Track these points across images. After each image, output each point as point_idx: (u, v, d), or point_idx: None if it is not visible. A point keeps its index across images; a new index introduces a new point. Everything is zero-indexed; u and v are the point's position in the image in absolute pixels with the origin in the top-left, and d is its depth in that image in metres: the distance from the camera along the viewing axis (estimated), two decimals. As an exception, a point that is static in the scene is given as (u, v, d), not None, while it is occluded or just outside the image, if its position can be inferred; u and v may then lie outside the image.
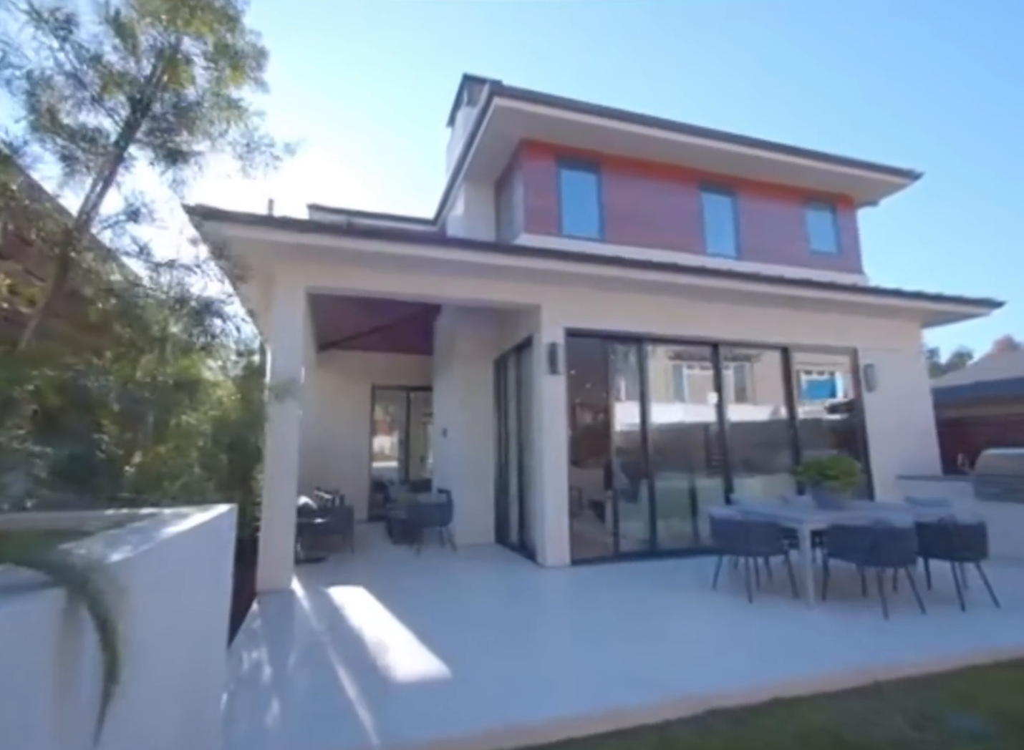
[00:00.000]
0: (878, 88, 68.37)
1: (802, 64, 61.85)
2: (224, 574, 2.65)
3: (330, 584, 5.86)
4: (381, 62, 60.04)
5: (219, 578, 2.56)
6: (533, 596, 5.44)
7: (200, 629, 2.21)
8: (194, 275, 3.49)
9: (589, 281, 6.97)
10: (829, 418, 8.78)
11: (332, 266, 6.21)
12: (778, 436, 8.27)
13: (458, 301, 7.00)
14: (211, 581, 2.40)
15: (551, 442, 6.73)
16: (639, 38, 52.31)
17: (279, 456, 5.80)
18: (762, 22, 51.27)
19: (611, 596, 5.25)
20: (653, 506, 7.21)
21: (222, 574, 2.61)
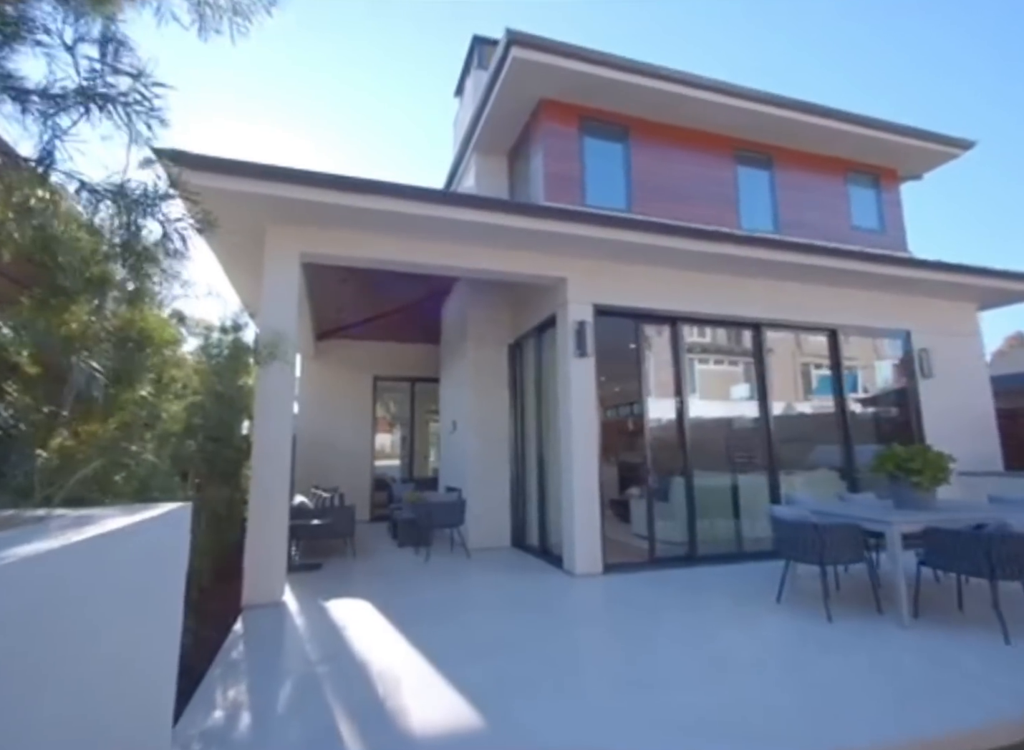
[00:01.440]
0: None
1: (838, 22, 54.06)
2: (168, 599, 1.86)
3: (328, 596, 5.06)
4: (382, 36, 57.66)
5: (158, 605, 1.77)
6: (570, 612, 4.63)
7: (111, 690, 1.42)
8: (150, 215, 2.70)
9: (619, 251, 6.17)
10: (869, 410, 7.98)
11: (331, 230, 5.41)
12: (821, 429, 7.47)
13: (474, 273, 6.20)
14: (138, 612, 1.60)
15: (580, 434, 5.93)
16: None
17: (270, 447, 5.00)
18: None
19: (661, 612, 4.45)
20: (691, 507, 6.41)
21: (163, 599, 1.81)
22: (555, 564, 6.20)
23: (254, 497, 4.89)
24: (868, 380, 8.06)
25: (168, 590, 1.92)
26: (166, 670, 1.95)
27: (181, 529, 2.02)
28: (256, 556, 4.81)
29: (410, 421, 11.81)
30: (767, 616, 4.29)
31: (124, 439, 2.59)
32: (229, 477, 5.74)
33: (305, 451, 10.45)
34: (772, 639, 3.81)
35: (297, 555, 6.88)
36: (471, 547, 7.10)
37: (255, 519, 4.87)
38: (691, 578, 5.64)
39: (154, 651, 1.80)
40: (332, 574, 6.06)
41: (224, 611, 4.73)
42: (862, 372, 7.94)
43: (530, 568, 6.24)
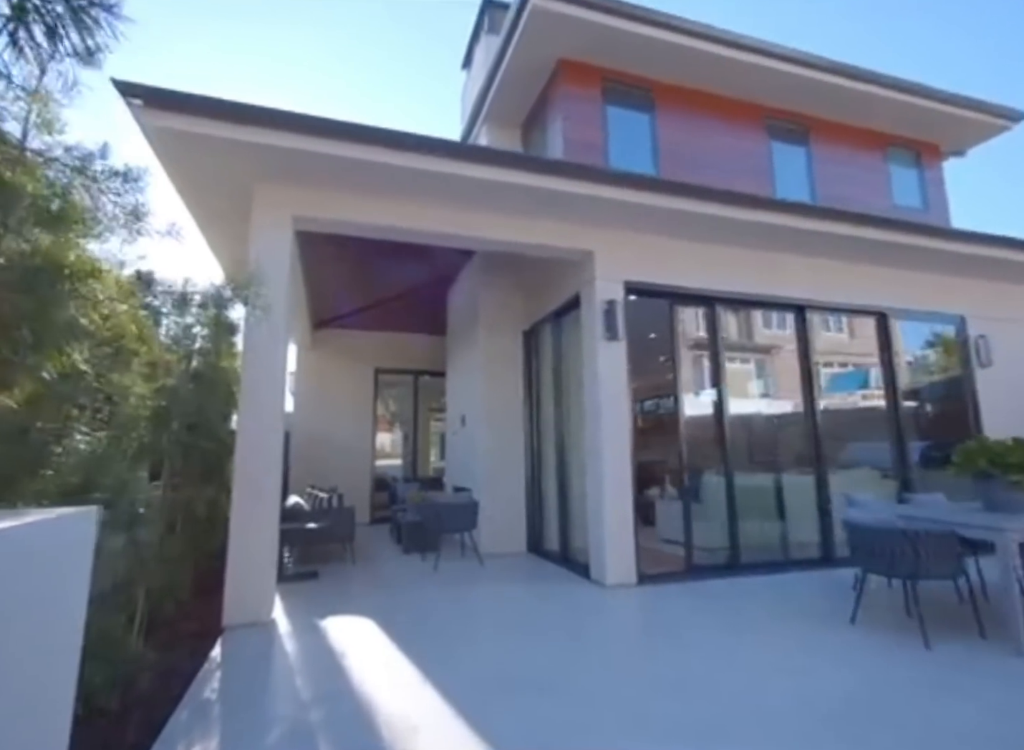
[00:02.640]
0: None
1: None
2: (53, 626, 1.17)
3: (325, 611, 4.37)
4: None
5: (28, 635, 1.08)
6: (609, 634, 3.93)
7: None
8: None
9: (651, 220, 5.48)
10: (908, 403, 7.28)
11: (327, 191, 4.72)
12: (860, 425, 6.79)
13: (489, 245, 5.51)
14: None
15: (610, 427, 5.24)
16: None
17: (258, 439, 4.31)
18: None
19: (719, 636, 3.76)
20: (732, 509, 5.72)
21: (42, 627, 1.12)
22: (580, 573, 5.51)
23: (238, 497, 4.20)
24: (849, 385, 7.24)
25: (54, 615, 1.25)
26: (46, 718, 1.26)
27: (77, 540, 1.34)
28: (240, 567, 4.11)
29: (413, 417, 11.12)
30: (848, 643, 3.60)
31: (34, 418, 1.90)
32: (212, 474, 5.05)
33: (301, 448, 9.76)
34: (869, 676, 3.11)
35: (290, 562, 6.18)
36: (483, 552, 6.41)
37: (239, 523, 4.17)
38: (738, 590, 4.95)
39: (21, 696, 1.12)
40: (329, 584, 5.36)
41: (202, 632, 4.04)
42: (837, 378, 7.21)
43: (552, 578, 5.55)
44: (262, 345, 4.44)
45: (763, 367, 6.93)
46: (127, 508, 2.98)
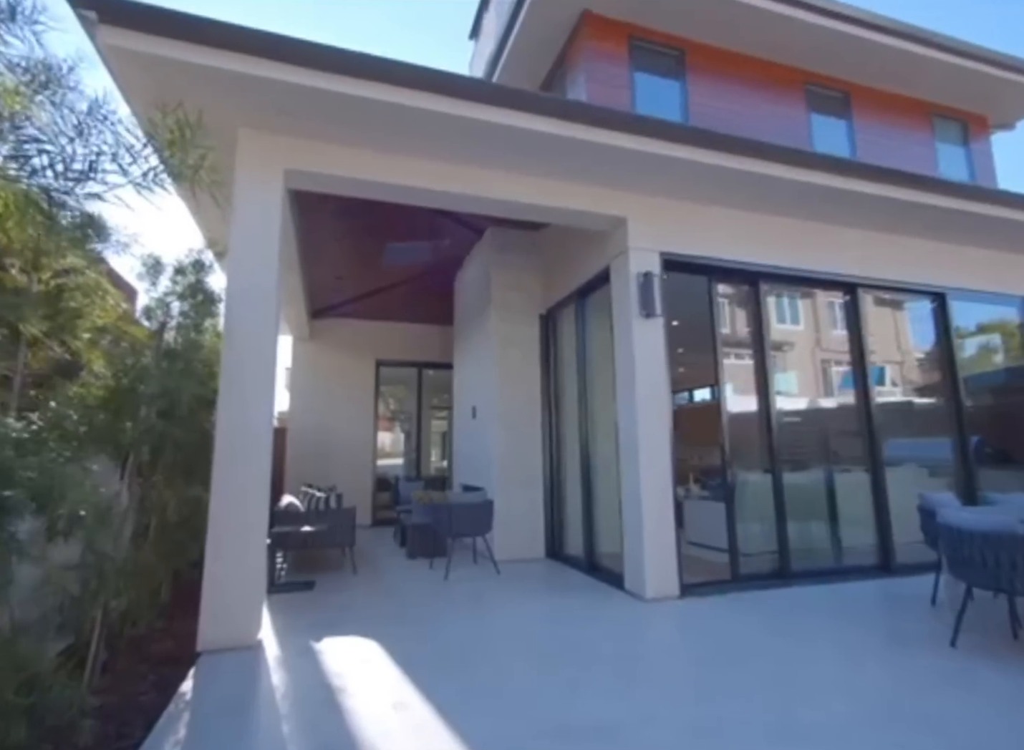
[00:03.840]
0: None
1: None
2: None
3: (322, 631, 3.72)
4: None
5: None
6: (673, 665, 3.27)
7: None
8: None
9: (689, 182, 4.84)
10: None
11: (325, 142, 4.06)
12: (905, 419, 6.13)
13: (510, 210, 4.85)
14: None
15: (648, 418, 4.59)
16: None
17: (242, 430, 3.66)
18: None
19: (800, 665, 3.10)
20: (780, 511, 5.08)
21: None
22: (612, 583, 4.87)
23: (218, 497, 3.54)
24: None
25: None
26: None
27: None
28: (220, 579, 3.46)
29: (417, 412, 10.47)
30: (964, 672, 2.94)
31: None
32: (194, 470, 4.40)
33: (298, 445, 9.13)
34: (1011, 718, 2.47)
35: (283, 570, 5.53)
36: (497, 558, 5.75)
37: (219, 528, 3.52)
38: (798, 604, 4.31)
39: None
40: (327, 597, 4.71)
41: (176, 656, 3.40)
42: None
43: (581, 589, 4.90)
44: (248, 321, 3.78)
45: (784, 360, 6.27)
46: (67, 510, 2.34)
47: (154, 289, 3.73)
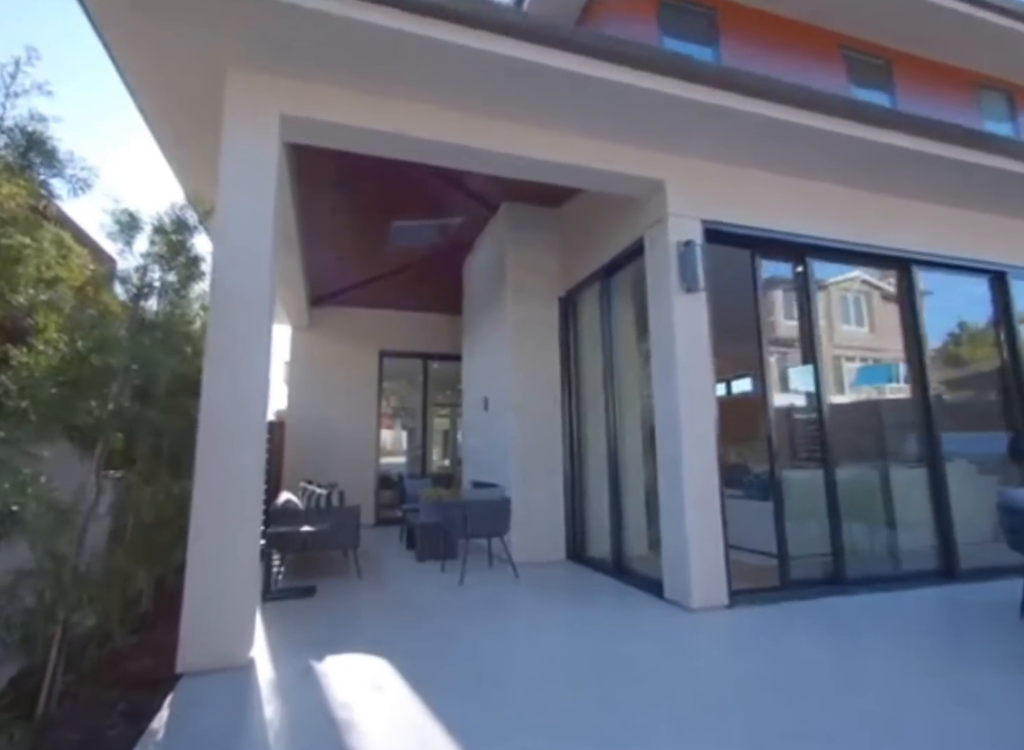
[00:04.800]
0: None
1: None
2: None
3: (324, 648, 3.20)
4: None
5: None
6: (743, 695, 2.74)
7: None
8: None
9: (734, 140, 4.32)
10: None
11: (330, 85, 3.55)
12: (949, 413, 5.60)
13: (535, 170, 4.32)
14: None
15: (692, 406, 4.08)
16: None
17: (231, 416, 3.14)
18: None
19: (913, 702, 2.59)
20: (834, 510, 4.57)
21: None
22: (647, 590, 4.36)
23: (201, 491, 3.02)
24: (877, 378, 5.94)
25: None
26: None
27: None
28: (203, 590, 2.94)
29: (422, 406, 9.94)
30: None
31: None
32: (178, 462, 3.89)
33: (296, 439, 8.61)
34: None
35: (280, 575, 5.02)
36: (515, 561, 5.22)
37: (202, 528, 3.00)
38: (863, 614, 3.80)
39: None
40: (330, 605, 4.19)
41: (152, 679, 2.88)
42: (865, 371, 5.97)
43: (612, 596, 4.38)
44: (239, 289, 3.27)
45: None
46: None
47: (129, 250, 3.22)
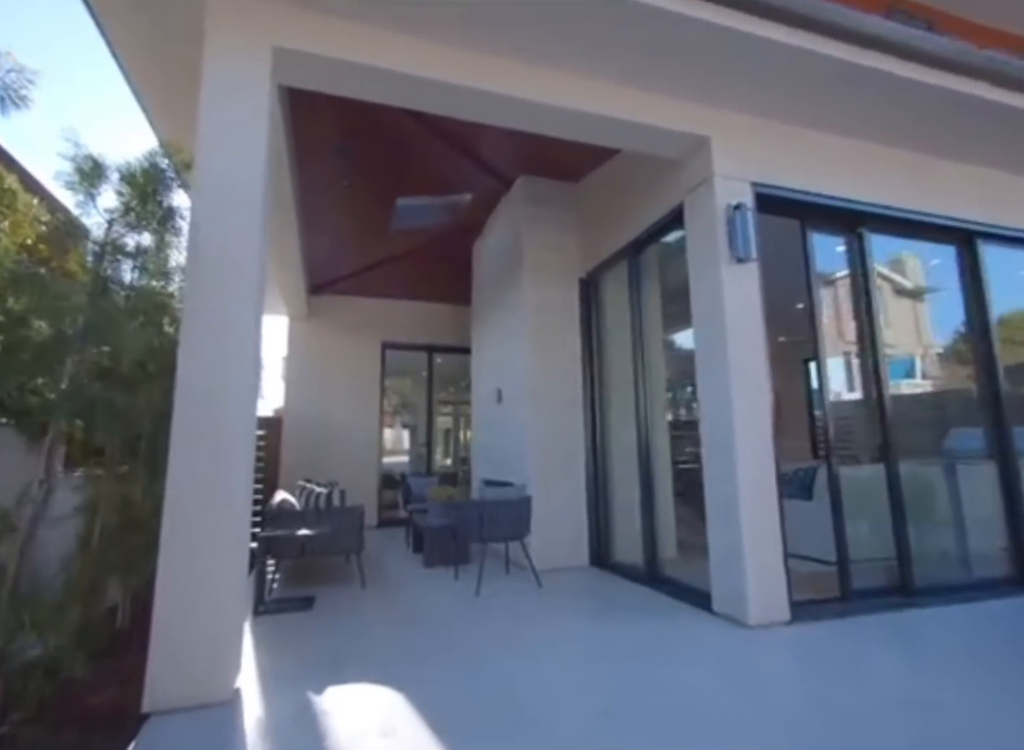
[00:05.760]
0: None
1: None
2: None
3: (324, 676, 2.69)
4: None
5: None
6: (839, 740, 2.24)
7: None
8: None
9: (788, 90, 3.80)
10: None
11: (331, 15, 3.03)
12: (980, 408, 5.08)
13: (572, 123, 3.78)
14: None
15: (745, 395, 3.56)
16: None
17: (218, 392, 2.63)
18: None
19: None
20: (898, 512, 4.05)
21: None
22: (690, 601, 3.85)
23: (174, 491, 2.51)
24: (896, 373, 5.39)
25: None
26: None
27: None
28: (177, 609, 2.43)
29: (427, 400, 9.41)
30: None
31: None
32: (157, 456, 3.37)
33: (294, 435, 8.09)
34: None
35: (275, 583, 4.51)
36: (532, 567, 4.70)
37: (175, 534, 2.48)
38: (948, 631, 3.30)
39: None
40: (331, 619, 3.68)
41: (117, 714, 2.37)
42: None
43: (650, 608, 3.86)
44: (222, 257, 2.75)
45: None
46: None
47: (92, 204, 2.70)
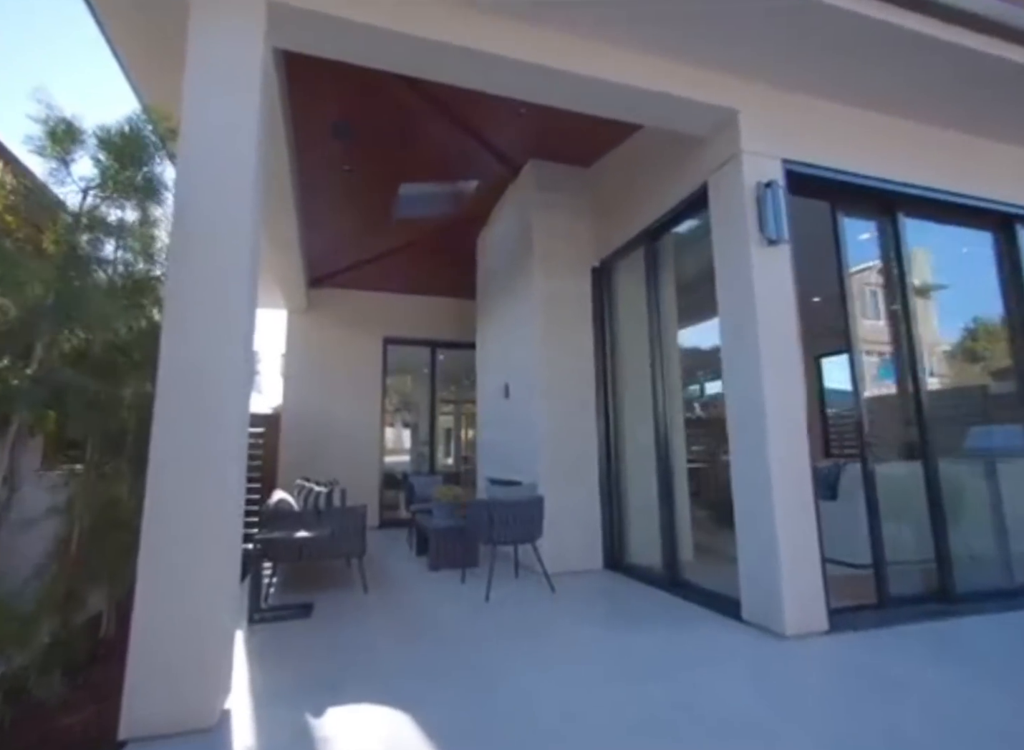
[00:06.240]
0: None
1: None
2: None
3: (324, 697, 2.43)
4: None
5: None
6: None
7: None
8: None
9: (824, 59, 3.54)
10: None
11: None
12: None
13: (593, 93, 3.51)
14: None
15: (778, 386, 3.30)
16: None
17: (203, 382, 2.36)
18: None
19: None
20: (937, 512, 3.79)
21: None
22: (714, 608, 3.59)
23: (156, 489, 2.25)
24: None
25: None
26: None
27: None
28: (159, 621, 2.17)
29: (431, 397, 9.15)
30: None
31: None
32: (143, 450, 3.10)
33: (292, 435, 7.83)
34: None
35: (272, 588, 4.25)
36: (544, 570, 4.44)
37: (156, 537, 2.22)
38: (994, 643, 3.03)
39: None
40: (331, 629, 3.41)
41: (87, 743, 2.12)
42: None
43: (673, 616, 3.59)
44: (209, 233, 2.49)
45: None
46: None
47: (66, 171, 2.44)
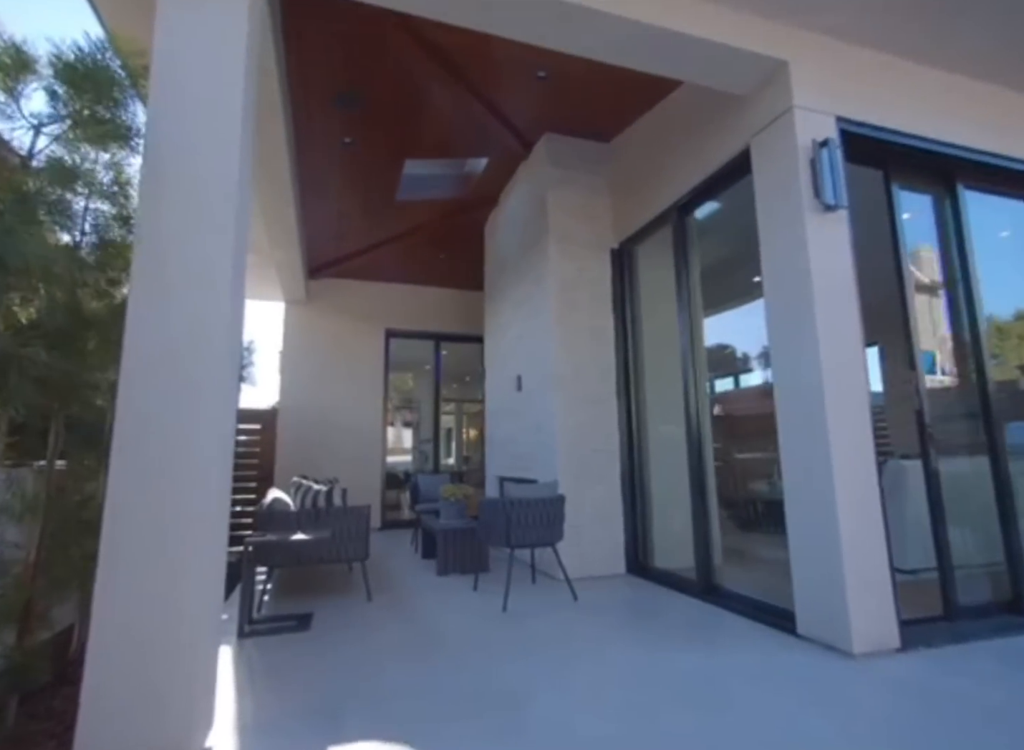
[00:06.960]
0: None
1: None
2: None
3: (324, 734, 2.04)
4: None
5: None
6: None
7: None
8: None
9: (885, 9, 3.16)
10: None
11: None
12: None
13: (630, 38, 3.11)
14: None
15: (837, 371, 2.91)
16: None
17: (179, 360, 1.98)
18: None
19: None
20: (1007, 514, 3.40)
21: None
22: (763, 620, 3.20)
23: (120, 486, 1.86)
24: None
25: None
26: None
27: None
28: (123, 642, 1.78)
29: (434, 395, 8.76)
30: None
31: None
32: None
33: (290, 432, 7.44)
34: None
35: (266, 596, 3.86)
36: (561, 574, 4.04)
37: (119, 548, 1.83)
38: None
39: None
40: (331, 644, 3.02)
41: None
42: None
43: (715, 629, 3.21)
44: (186, 185, 2.10)
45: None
46: None
47: (15, 106, 2.05)
